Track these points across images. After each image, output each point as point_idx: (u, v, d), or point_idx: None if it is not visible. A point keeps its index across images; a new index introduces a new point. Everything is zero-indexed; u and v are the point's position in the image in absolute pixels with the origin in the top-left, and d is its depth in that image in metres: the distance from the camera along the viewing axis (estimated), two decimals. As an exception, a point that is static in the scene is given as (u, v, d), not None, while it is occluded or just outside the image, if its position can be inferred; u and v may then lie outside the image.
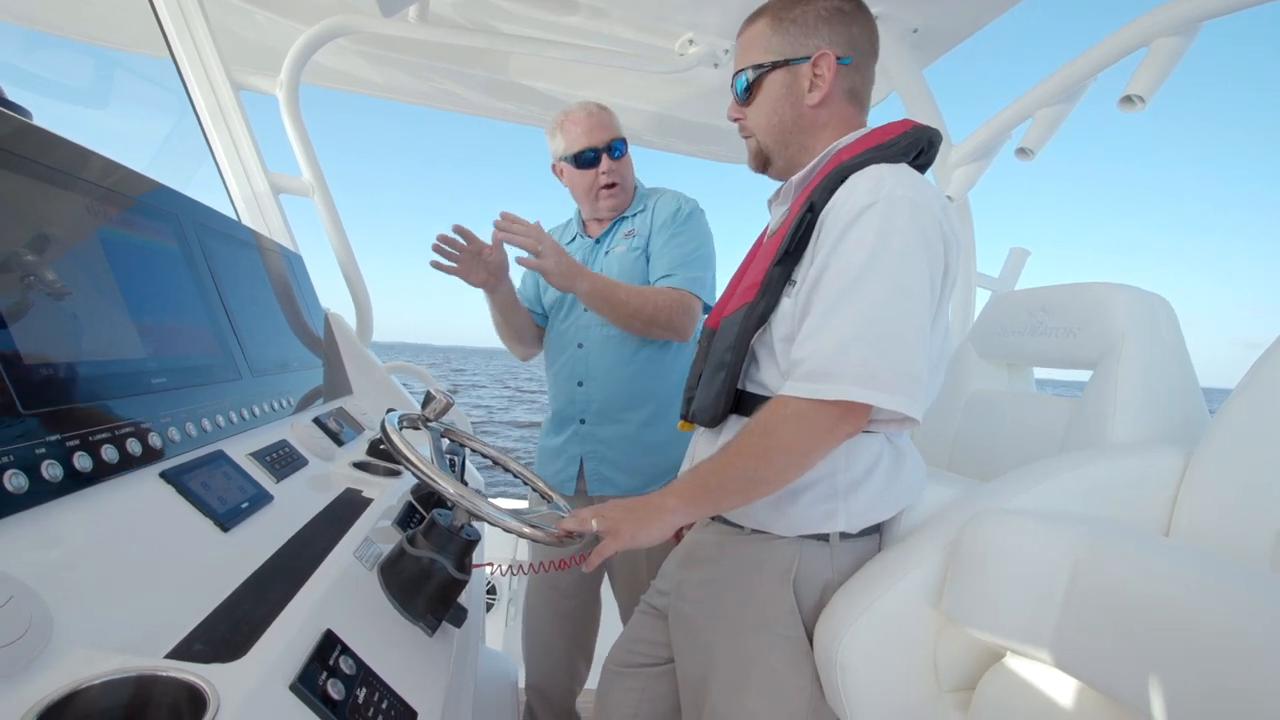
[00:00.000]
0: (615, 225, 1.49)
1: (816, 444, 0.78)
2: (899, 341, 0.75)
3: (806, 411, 0.76)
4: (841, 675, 0.79)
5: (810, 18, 0.87)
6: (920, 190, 0.79)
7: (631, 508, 0.80)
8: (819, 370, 0.75)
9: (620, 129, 1.45)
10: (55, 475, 0.56)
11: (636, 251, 1.43)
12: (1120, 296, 1.10)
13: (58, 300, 0.65)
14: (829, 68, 0.86)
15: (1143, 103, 1.32)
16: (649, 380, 1.41)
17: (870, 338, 0.74)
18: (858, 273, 0.76)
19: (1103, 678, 0.66)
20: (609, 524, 0.78)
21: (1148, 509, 0.89)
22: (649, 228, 1.44)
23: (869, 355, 0.74)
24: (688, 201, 1.46)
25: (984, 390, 1.38)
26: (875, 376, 0.73)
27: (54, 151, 0.72)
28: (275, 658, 0.52)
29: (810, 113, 0.89)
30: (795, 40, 0.88)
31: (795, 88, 0.89)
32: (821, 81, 0.87)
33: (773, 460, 0.78)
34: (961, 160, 1.80)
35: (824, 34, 0.87)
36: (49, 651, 0.45)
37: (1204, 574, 0.62)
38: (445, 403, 1.04)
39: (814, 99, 0.88)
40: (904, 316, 0.75)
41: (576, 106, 1.46)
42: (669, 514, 0.79)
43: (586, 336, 1.44)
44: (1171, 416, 1.02)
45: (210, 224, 1.10)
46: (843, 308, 0.76)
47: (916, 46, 1.67)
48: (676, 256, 1.37)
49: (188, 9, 1.55)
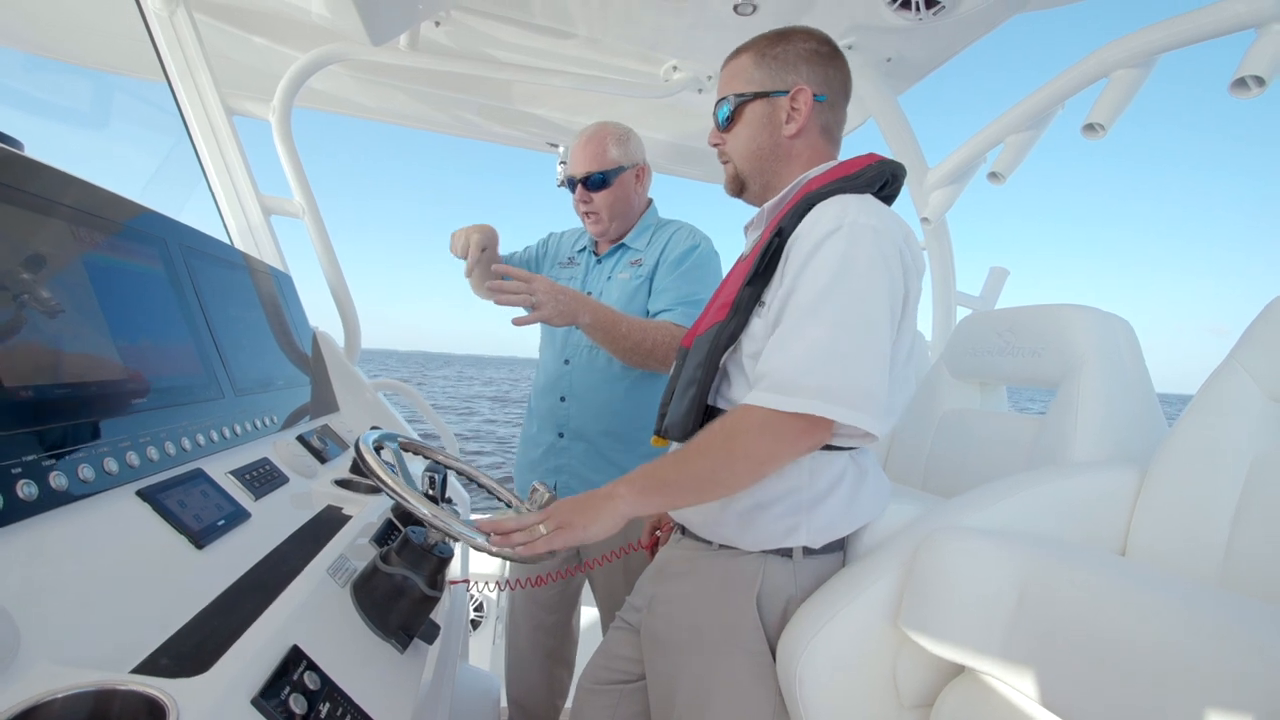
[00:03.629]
0: (619, 250, 1.50)
1: (779, 453, 0.80)
2: (858, 360, 0.78)
3: (773, 421, 0.79)
4: (802, 690, 0.80)
5: (791, 56, 0.93)
6: (882, 219, 0.83)
7: (580, 501, 0.81)
8: (782, 383, 0.78)
9: (607, 160, 1.44)
10: (30, 494, 0.58)
11: (639, 280, 1.44)
12: (1082, 318, 1.13)
13: (40, 324, 0.68)
14: (805, 103, 0.92)
15: (1104, 130, 1.36)
16: (631, 403, 1.43)
17: (832, 355, 0.77)
18: (821, 294, 0.79)
19: (1049, 693, 0.68)
20: (558, 520, 0.79)
21: (1105, 527, 0.91)
22: (656, 261, 1.44)
23: (830, 372, 0.77)
24: (703, 240, 1.46)
25: (957, 409, 1.40)
26: (835, 392, 0.76)
27: (41, 180, 0.75)
28: (238, 672, 0.54)
29: (786, 143, 0.95)
30: (776, 75, 0.93)
31: (774, 118, 0.94)
32: (798, 115, 0.93)
33: (734, 464, 0.80)
34: (938, 183, 1.85)
35: (803, 71, 0.93)
36: (14, 667, 0.47)
37: (1142, 593, 0.64)
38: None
39: (790, 130, 0.93)
40: (864, 336, 0.79)
41: (582, 130, 1.49)
42: (619, 502, 0.79)
43: (574, 354, 1.47)
44: (1131, 434, 1.05)
45: (198, 247, 1.13)
46: (807, 326, 0.79)
47: (890, 75, 1.73)
48: (681, 293, 1.38)
49: (183, 36, 1.60)
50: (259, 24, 1.75)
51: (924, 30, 1.50)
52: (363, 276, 31.28)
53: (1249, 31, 1.13)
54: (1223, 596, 0.66)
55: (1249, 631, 0.57)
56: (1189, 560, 0.83)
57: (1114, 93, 1.34)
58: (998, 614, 0.73)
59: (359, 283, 14.82)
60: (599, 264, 1.52)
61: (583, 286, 1.52)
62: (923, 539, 0.82)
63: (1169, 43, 1.25)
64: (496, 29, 1.79)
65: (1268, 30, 1.09)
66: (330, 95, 2.07)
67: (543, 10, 1.71)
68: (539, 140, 2.43)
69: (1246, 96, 1.14)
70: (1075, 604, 0.68)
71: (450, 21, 1.77)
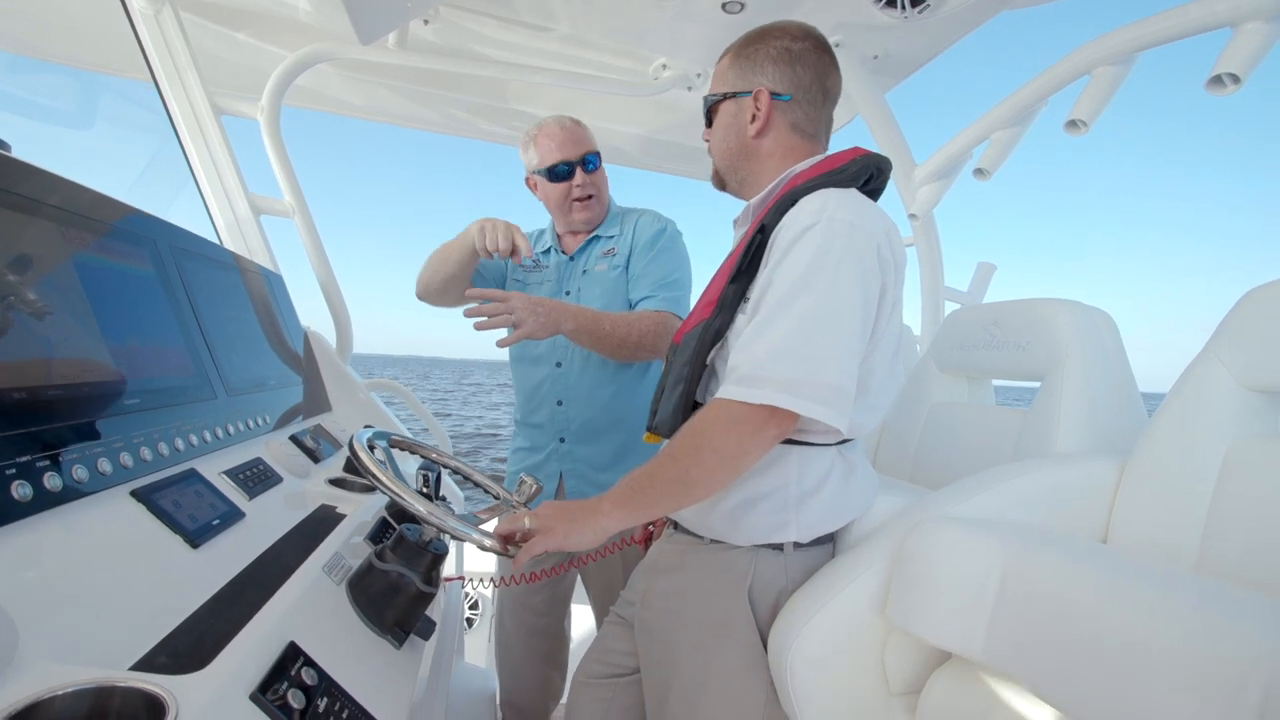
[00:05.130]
0: (591, 244, 1.50)
1: (744, 444, 0.80)
2: (824, 354, 0.78)
3: (736, 413, 0.79)
4: (793, 680, 0.82)
5: (760, 56, 0.95)
6: (862, 214, 0.84)
7: (566, 508, 0.82)
8: (749, 376, 0.79)
9: (593, 142, 1.46)
10: (25, 495, 0.58)
11: (617, 270, 1.45)
12: (1065, 312, 1.15)
13: (32, 325, 0.68)
14: (764, 103, 0.94)
15: (1086, 127, 1.39)
16: (629, 399, 1.43)
17: (797, 348, 0.78)
18: (791, 288, 0.80)
19: (1029, 678, 0.70)
20: (541, 522, 0.80)
21: (1087, 516, 0.94)
22: (629, 247, 1.46)
23: (794, 364, 0.78)
24: (669, 223, 1.49)
25: (945, 402, 1.42)
26: (798, 384, 0.77)
27: (31, 182, 0.75)
28: (236, 668, 0.55)
29: (752, 142, 0.96)
30: (744, 76, 0.95)
31: (740, 118, 0.96)
32: (759, 115, 0.94)
33: (703, 459, 0.80)
34: (925, 179, 1.87)
35: (768, 72, 0.94)
36: (13, 666, 0.47)
37: (1120, 579, 0.66)
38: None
39: (753, 130, 0.95)
40: (832, 331, 0.79)
41: (550, 120, 1.46)
42: (603, 517, 0.80)
43: (566, 356, 1.46)
44: (1113, 426, 1.08)
45: (188, 247, 1.12)
46: (776, 320, 0.80)
47: (877, 72, 1.75)
48: (658, 277, 1.40)
49: (170, 36, 1.59)
50: (246, 22, 1.74)
51: (910, 28, 1.51)
52: (343, 280, 30.75)
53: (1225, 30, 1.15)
54: (1198, 582, 0.68)
55: (1222, 615, 0.59)
56: (1167, 547, 0.85)
57: (1095, 90, 1.37)
58: (981, 602, 0.75)
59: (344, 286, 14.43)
60: (571, 261, 1.51)
61: (559, 286, 1.51)
62: (909, 529, 0.84)
63: (1148, 41, 1.27)
64: (486, 27, 1.79)
65: (1242, 29, 1.11)
66: (318, 93, 2.06)
67: (528, 7, 1.71)
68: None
69: (1223, 93, 1.16)
70: (1055, 591, 0.70)
71: (439, 19, 1.77)
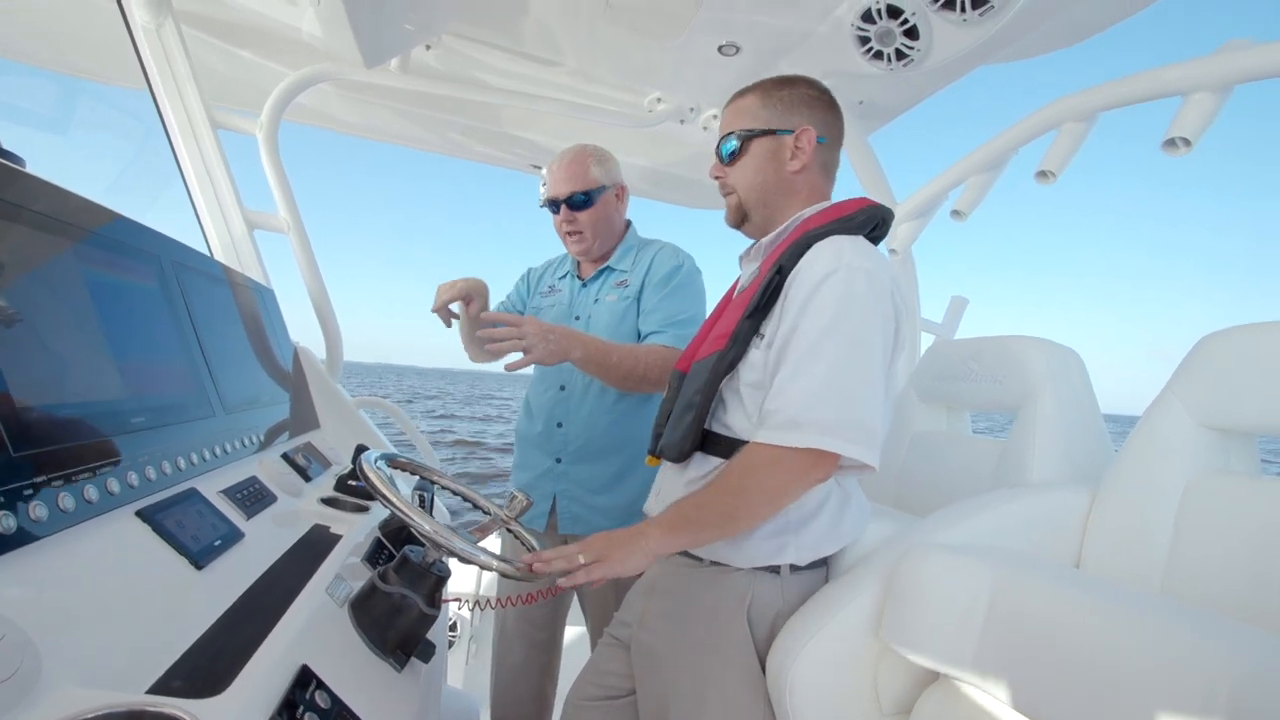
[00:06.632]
0: (606, 273, 1.53)
1: (790, 486, 0.86)
2: (857, 396, 0.84)
3: (783, 458, 0.84)
4: (791, 699, 0.85)
5: (796, 99, 1.01)
6: (875, 261, 0.90)
7: (615, 537, 0.86)
8: (789, 421, 0.84)
9: (589, 179, 1.47)
10: (42, 515, 0.58)
11: (627, 302, 1.46)
12: (1037, 349, 1.23)
13: (47, 343, 0.68)
14: (809, 142, 0.99)
15: (1054, 177, 1.49)
16: (628, 426, 1.45)
17: (832, 392, 0.84)
18: (821, 334, 0.86)
19: (1016, 697, 0.74)
20: (595, 553, 0.84)
21: (1061, 542, 1.00)
22: (642, 281, 1.47)
23: (831, 408, 0.83)
24: (686, 259, 1.50)
25: (926, 431, 1.49)
26: (838, 427, 0.82)
27: (46, 199, 0.76)
28: (255, 692, 0.55)
29: (790, 178, 1.01)
30: (782, 115, 1.00)
31: (779, 154, 1.01)
32: (802, 153, 0.99)
33: (749, 498, 0.85)
34: (905, 217, 1.97)
35: (805, 114, 1.00)
36: (37, 689, 0.47)
37: (1095, 601, 0.72)
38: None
39: (795, 166, 1.00)
40: (862, 374, 0.85)
41: (561, 152, 1.51)
42: (651, 542, 0.85)
43: (570, 380, 1.48)
44: (1082, 456, 1.15)
45: (187, 262, 1.12)
46: (809, 366, 0.85)
47: (862, 116, 1.85)
48: (669, 314, 1.41)
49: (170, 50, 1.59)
50: (250, 40, 1.75)
51: (894, 78, 1.61)
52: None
53: (1177, 98, 1.27)
54: (1164, 603, 0.73)
55: (1187, 633, 0.65)
56: (1135, 571, 0.92)
57: (1064, 143, 1.48)
58: (970, 624, 0.79)
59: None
60: (584, 288, 1.54)
61: (569, 311, 1.54)
62: (901, 555, 0.88)
63: (1109, 102, 1.39)
64: (487, 55, 1.84)
65: (1191, 98, 1.23)
66: (316, 110, 2.08)
67: (534, 41, 1.76)
68: (523, 162, 2.47)
69: (1176, 155, 1.27)
70: (1038, 613, 0.75)
71: (441, 46, 1.81)
